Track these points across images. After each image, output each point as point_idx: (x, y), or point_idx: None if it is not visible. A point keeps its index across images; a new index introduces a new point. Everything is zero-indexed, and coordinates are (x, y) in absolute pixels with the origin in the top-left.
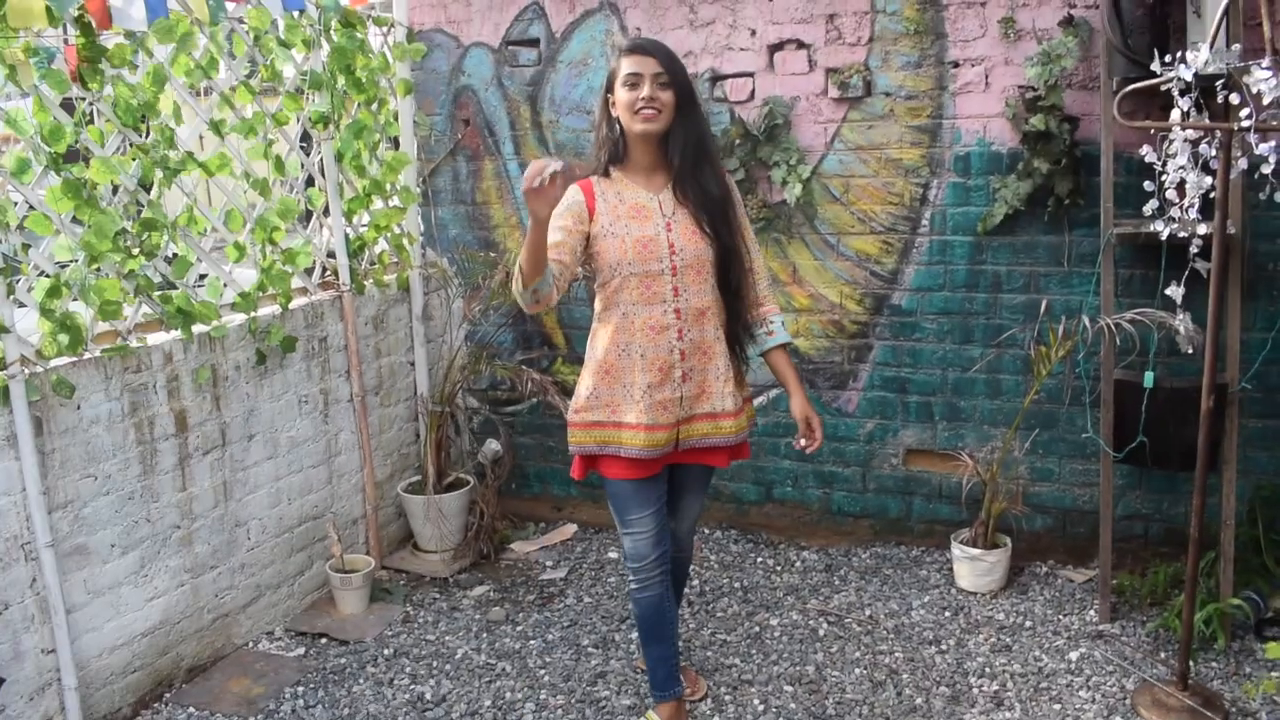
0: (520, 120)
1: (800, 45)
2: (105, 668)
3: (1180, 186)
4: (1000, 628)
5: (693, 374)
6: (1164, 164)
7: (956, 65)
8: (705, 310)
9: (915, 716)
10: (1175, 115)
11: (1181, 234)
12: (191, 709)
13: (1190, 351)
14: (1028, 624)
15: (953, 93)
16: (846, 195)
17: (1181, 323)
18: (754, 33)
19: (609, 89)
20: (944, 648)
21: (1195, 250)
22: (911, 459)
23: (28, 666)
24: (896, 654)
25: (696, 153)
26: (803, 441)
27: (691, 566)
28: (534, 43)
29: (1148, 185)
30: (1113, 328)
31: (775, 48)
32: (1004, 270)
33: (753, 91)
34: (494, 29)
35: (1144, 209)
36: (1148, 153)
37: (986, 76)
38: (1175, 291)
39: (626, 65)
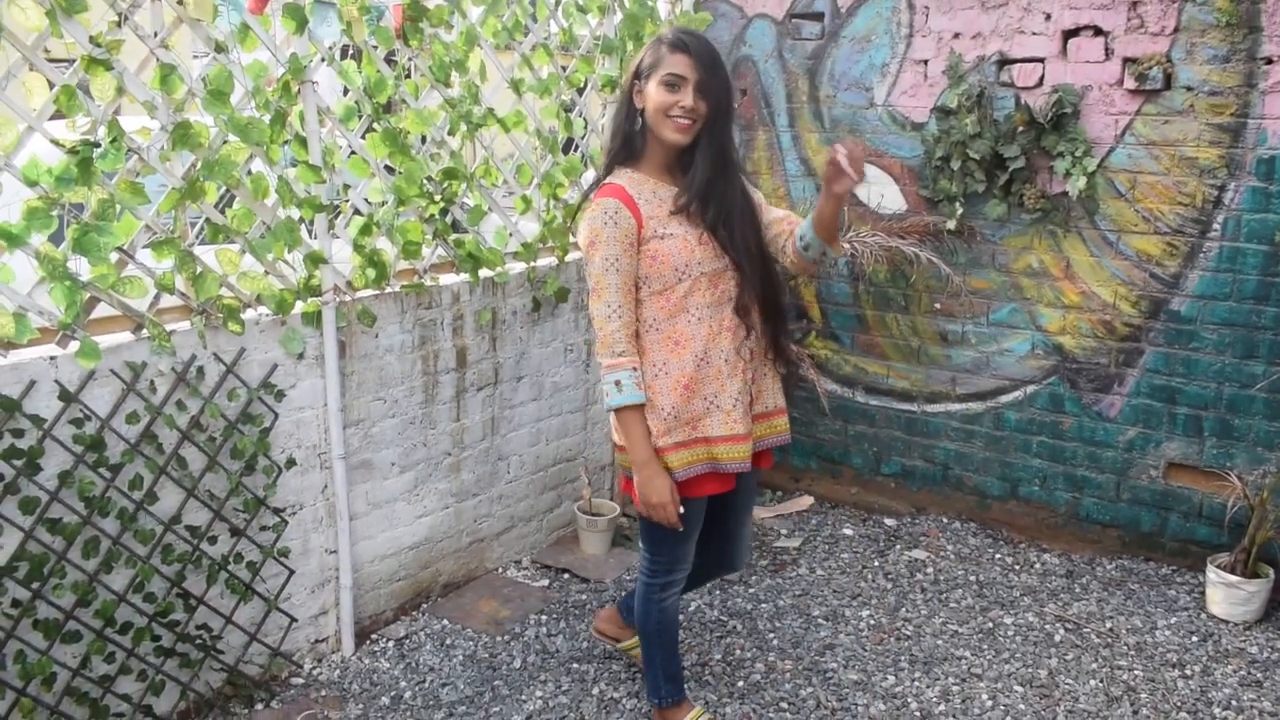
0: (797, 94)
1: (1098, 32)
2: (375, 573)
3: None
4: (1252, 661)
5: (758, 375)
6: None
7: (1270, 62)
8: (751, 307)
9: None
10: None
11: None
12: (446, 621)
13: None
14: None
15: (1262, 91)
16: (1132, 192)
17: None
18: (1048, 16)
19: (637, 75)
20: (1188, 673)
21: None
22: (1172, 473)
23: (313, 563)
24: (1136, 671)
25: (723, 165)
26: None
27: (927, 554)
28: (818, 16)
29: None
30: None
31: (1070, 33)
32: None
33: (1041, 78)
34: (779, 1)
35: None
36: None
37: None
38: None
39: (670, 64)
